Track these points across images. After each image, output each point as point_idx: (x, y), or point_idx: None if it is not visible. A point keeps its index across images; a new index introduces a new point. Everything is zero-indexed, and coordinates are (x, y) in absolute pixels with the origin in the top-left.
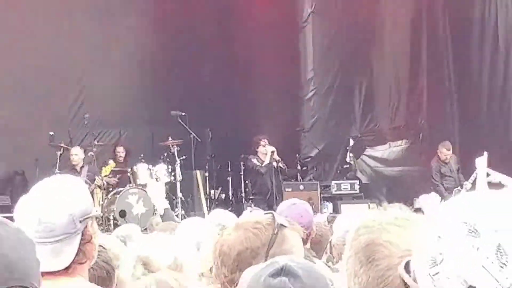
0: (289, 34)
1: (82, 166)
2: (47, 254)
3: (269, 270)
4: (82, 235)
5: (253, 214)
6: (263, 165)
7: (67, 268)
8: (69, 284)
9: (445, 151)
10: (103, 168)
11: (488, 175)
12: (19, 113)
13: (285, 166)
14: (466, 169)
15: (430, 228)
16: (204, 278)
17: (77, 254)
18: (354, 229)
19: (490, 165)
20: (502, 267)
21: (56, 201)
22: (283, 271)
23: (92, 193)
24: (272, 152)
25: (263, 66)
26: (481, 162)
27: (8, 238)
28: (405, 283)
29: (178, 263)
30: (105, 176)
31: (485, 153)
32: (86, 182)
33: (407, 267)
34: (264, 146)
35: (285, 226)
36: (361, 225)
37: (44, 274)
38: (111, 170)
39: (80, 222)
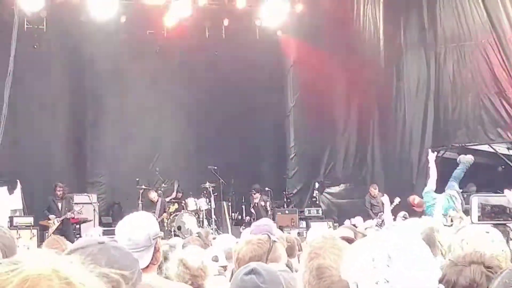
0: (279, 119)
1: (157, 201)
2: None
3: (244, 271)
4: (154, 247)
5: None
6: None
7: (146, 267)
8: (147, 277)
9: (373, 190)
10: (170, 207)
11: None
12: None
13: (268, 204)
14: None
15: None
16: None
17: (151, 258)
18: (307, 252)
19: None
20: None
21: (139, 226)
22: (252, 271)
23: (163, 216)
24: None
25: (265, 140)
26: (385, 200)
27: (119, 255)
28: None
29: (204, 265)
30: (171, 212)
31: (397, 199)
32: (160, 210)
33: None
34: (253, 195)
35: (275, 241)
36: (311, 250)
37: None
38: (175, 209)
39: (153, 239)
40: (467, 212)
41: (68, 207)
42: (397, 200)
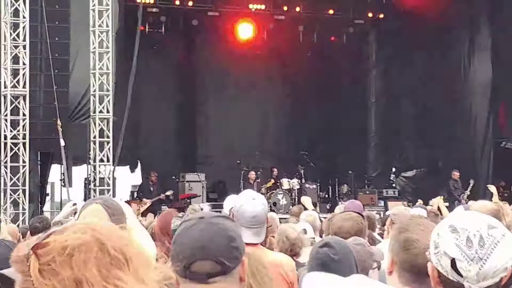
0: (363, 111)
1: (254, 181)
2: (253, 234)
3: (319, 244)
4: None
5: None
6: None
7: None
8: (264, 251)
9: (455, 174)
10: (267, 183)
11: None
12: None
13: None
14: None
15: (434, 230)
16: None
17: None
18: (397, 227)
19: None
20: (468, 245)
21: (261, 204)
22: (326, 244)
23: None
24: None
25: (350, 130)
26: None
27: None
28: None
29: (300, 236)
30: (268, 187)
31: (471, 181)
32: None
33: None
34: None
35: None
36: (400, 225)
37: (250, 244)
38: (271, 185)
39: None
40: None
41: (159, 191)
42: (471, 182)
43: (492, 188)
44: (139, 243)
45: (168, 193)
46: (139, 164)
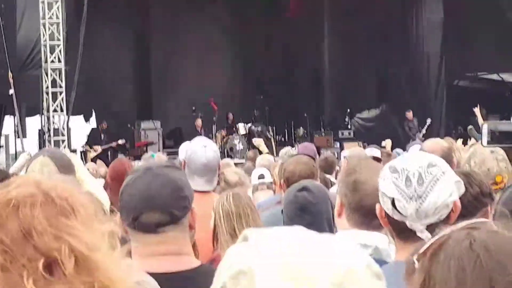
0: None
1: (201, 128)
2: (205, 181)
3: (297, 188)
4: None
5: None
6: None
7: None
8: (215, 197)
9: (409, 114)
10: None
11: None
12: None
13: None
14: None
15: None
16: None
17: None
18: (344, 169)
19: None
20: (407, 184)
21: (212, 151)
22: (304, 188)
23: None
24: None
25: (302, 71)
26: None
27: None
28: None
29: (241, 180)
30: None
31: (428, 120)
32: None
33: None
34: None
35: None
36: (348, 167)
37: (202, 192)
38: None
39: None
40: None
41: (110, 138)
42: (428, 120)
43: (477, 111)
44: (86, 194)
45: (120, 141)
46: (93, 113)
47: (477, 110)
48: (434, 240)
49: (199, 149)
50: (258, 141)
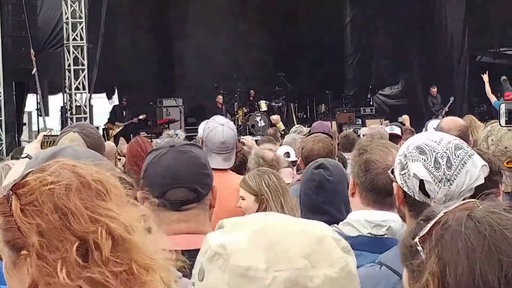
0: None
1: (222, 105)
2: (223, 159)
3: (314, 165)
4: (236, 147)
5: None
6: None
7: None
8: (232, 175)
9: (433, 90)
10: (239, 111)
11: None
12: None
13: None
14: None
15: (400, 149)
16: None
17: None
18: (357, 149)
19: None
20: (436, 167)
21: (229, 129)
22: (321, 166)
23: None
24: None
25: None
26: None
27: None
28: (391, 180)
29: (277, 157)
30: (245, 113)
31: (451, 98)
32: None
33: (392, 172)
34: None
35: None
36: (360, 147)
37: (220, 170)
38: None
39: (238, 141)
40: None
41: (132, 114)
42: (451, 98)
43: (485, 78)
44: (118, 177)
45: (141, 116)
46: (116, 91)
47: (485, 77)
48: (433, 222)
49: (217, 127)
50: (276, 118)
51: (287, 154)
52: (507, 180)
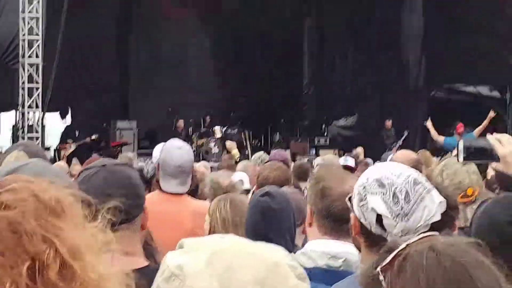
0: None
1: (182, 129)
2: (178, 183)
3: (260, 193)
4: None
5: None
6: None
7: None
8: (188, 199)
9: (388, 123)
10: (198, 140)
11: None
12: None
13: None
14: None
15: (359, 180)
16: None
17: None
18: (313, 178)
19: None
20: (394, 201)
21: (187, 153)
22: (267, 193)
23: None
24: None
25: (280, 77)
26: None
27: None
28: (348, 209)
29: (233, 183)
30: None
31: (405, 132)
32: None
33: (349, 199)
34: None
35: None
36: (317, 175)
37: (176, 194)
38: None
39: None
40: None
41: (85, 135)
42: (405, 132)
43: (429, 124)
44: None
45: (93, 136)
46: (69, 111)
47: (429, 123)
48: (395, 253)
49: (174, 150)
50: (231, 144)
51: (241, 182)
52: (461, 215)
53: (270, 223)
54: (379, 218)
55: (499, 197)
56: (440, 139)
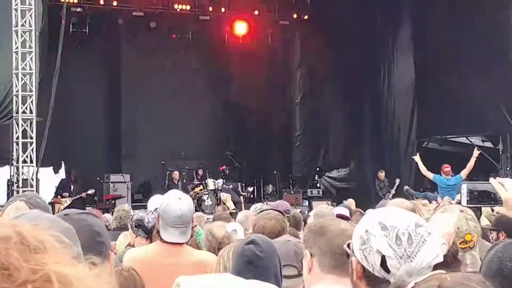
0: (287, 113)
1: (178, 181)
2: (179, 233)
3: (245, 241)
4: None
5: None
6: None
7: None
8: (190, 250)
9: (380, 174)
10: (196, 188)
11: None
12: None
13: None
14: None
15: (360, 224)
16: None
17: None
18: (308, 225)
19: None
20: (397, 243)
21: (187, 203)
22: (252, 242)
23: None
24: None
25: (274, 130)
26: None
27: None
28: (348, 255)
29: (228, 234)
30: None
31: (397, 180)
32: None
33: (348, 246)
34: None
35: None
36: (312, 223)
37: (177, 244)
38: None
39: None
40: None
41: (79, 189)
42: (397, 181)
43: (417, 158)
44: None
45: (90, 191)
46: (63, 165)
47: (417, 157)
48: None
49: (174, 201)
50: (226, 196)
51: (235, 232)
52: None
53: (257, 269)
54: (383, 260)
55: (508, 242)
56: (430, 174)
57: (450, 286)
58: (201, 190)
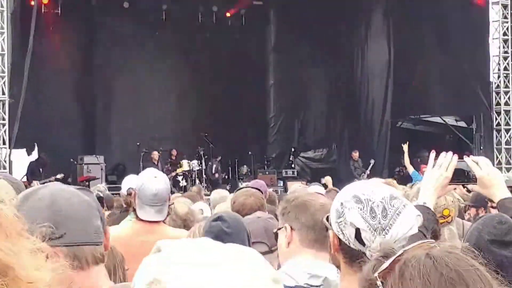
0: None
1: (157, 161)
2: (156, 211)
3: (212, 218)
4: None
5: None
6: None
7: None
8: (165, 227)
9: (354, 154)
10: (177, 168)
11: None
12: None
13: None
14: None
15: (336, 198)
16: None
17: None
18: (285, 199)
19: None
20: (372, 216)
21: (163, 182)
22: (219, 218)
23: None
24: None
25: (249, 112)
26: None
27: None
28: (326, 228)
29: (191, 211)
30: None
31: (372, 160)
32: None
33: (327, 219)
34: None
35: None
36: (288, 197)
37: (153, 222)
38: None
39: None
40: None
41: (49, 172)
42: (372, 161)
43: (405, 147)
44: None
45: (58, 176)
46: (36, 147)
47: (405, 147)
48: (392, 259)
49: (150, 180)
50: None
51: (201, 211)
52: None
53: None
54: (357, 233)
55: (486, 217)
56: (410, 168)
57: (437, 254)
58: (183, 171)
